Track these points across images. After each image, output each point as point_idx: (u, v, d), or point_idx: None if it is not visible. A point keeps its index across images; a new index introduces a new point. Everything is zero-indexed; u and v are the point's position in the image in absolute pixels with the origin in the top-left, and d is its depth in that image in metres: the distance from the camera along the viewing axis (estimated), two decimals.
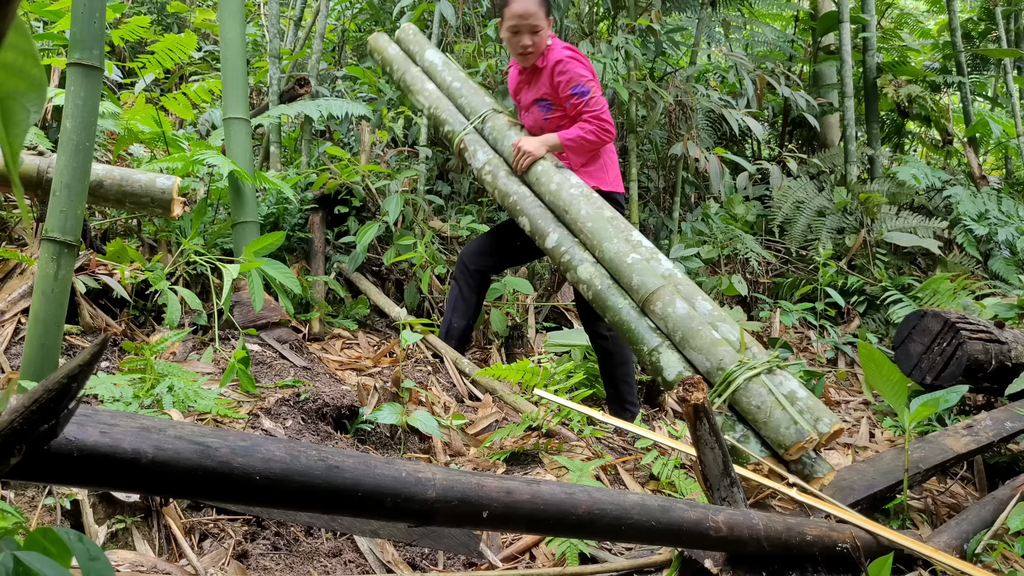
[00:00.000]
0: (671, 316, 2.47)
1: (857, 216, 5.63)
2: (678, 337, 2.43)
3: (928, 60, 7.48)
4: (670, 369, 2.39)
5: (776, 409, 2.19)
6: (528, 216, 2.88)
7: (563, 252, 2.77)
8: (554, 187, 2.91)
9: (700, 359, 2.36)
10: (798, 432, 2.12)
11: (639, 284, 2.58)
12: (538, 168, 3.01)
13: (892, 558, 1.67)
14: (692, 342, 2.39)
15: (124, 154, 4.46)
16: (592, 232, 2.75)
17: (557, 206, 2.87)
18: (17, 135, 0.62)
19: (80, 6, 2.28)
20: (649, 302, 2.52)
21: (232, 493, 1.03)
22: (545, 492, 1.32)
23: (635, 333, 2.50)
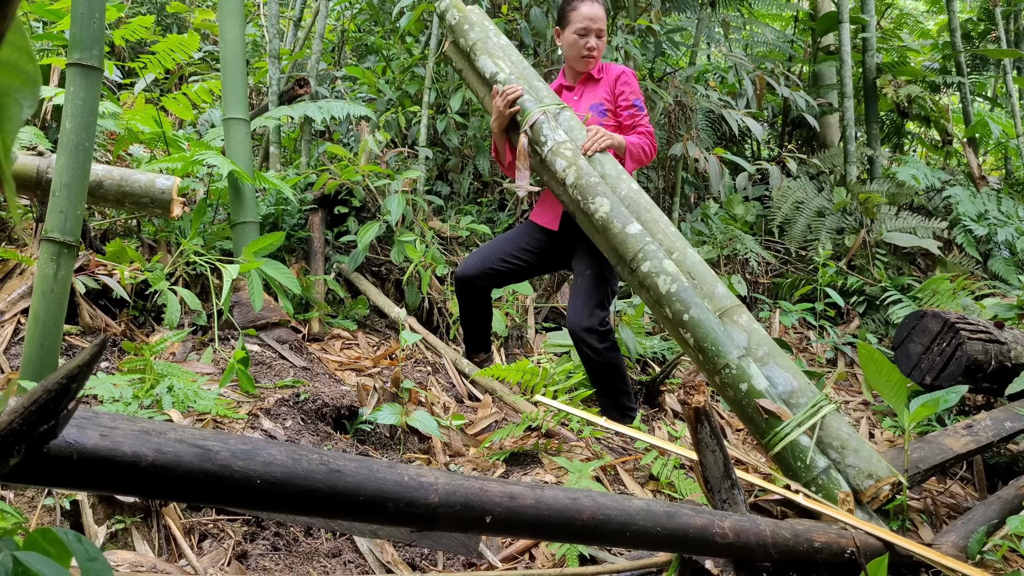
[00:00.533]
0: (756, 332, 2.40)
1: (857, 216, 5.63)
2: (760, 353, 2.36)
3: (928, 60, 7.49)
4: (759, 380, 2.28)
5: (865, 443, 2.18)
6: (608, 199, 2.73)
7: (646, 242, 2.65)
8: (635, 187, 2.85)
9: (784, 378, 2.29)
10: (885, 469, 2.10)
11: (722, 294, 2.51)
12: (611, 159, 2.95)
13: (887, 559, 1.67)
14: (777, 360, 2.33)
15: (124, 154, 4.45)
16: (675, 236, 2.69)
17: (637, 203, 2.78)
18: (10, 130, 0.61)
19: (80, 6, 2.27)
20: (731, 313, 2.45)
21: (233, 497, 1.02)
22: (549, 497, 1.31)
23: (717, 336, 2.38)
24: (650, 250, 2.63)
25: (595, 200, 2.78)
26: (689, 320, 2.45)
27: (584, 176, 2.83)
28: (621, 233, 2.70)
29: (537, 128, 2.98)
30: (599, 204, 2.76)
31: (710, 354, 2.38)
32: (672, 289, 2.52)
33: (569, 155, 2.90)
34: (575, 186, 2.84)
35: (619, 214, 2.72)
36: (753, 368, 2.32)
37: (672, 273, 2.55)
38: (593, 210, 2.78)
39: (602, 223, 2.75)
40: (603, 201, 2.75)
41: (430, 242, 4.22)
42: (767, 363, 2.35)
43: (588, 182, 2.81)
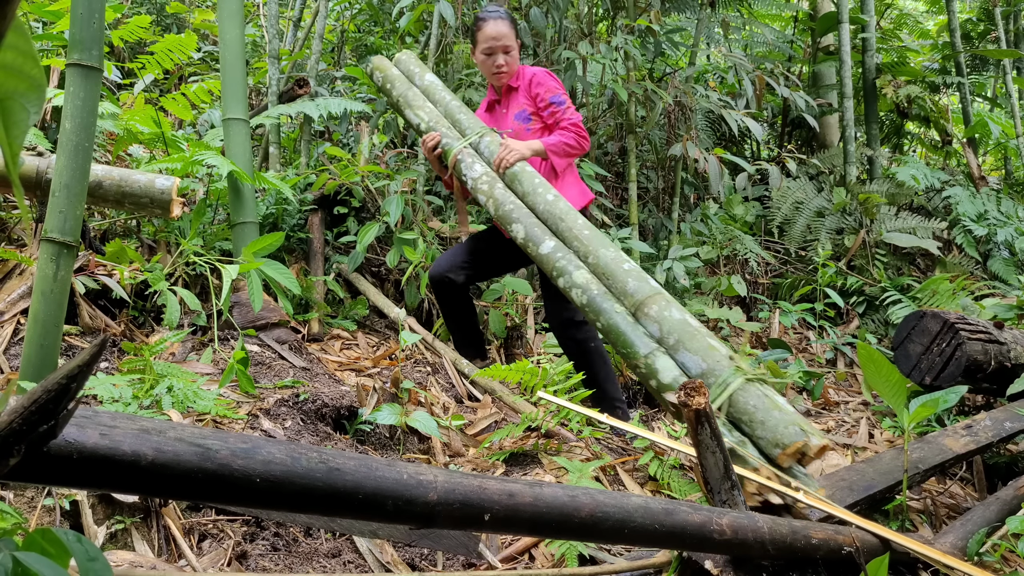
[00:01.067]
0: (667, 319, 2.48)
1: (856, 217, 5.63)
2: (672, 341, 2.44)
3: (927, 61, 7.49)
4: (666, 373, 2.39)
5: (774, 411, 2.19)
6: (523, 224, 2.99)
7: (559, 258, 2.83)
8: (551, 197, 3.02)
9: (695, 361, 2.37)
10: (796, 433, 2.11)
11: (635, 288, 2.61)
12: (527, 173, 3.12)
13: (888, 558, 1.67)
14: (687, 344, 2.40)
15: (123, 155, 4.45)
16: (588, 239, 2.83)
17: (553, 215, 2.97)
18: (17, 136, 0.62)
19: (79, 7, 2.28)
20: (644, 306, 2.55)
21: (232, 495, 1.02)
22: (547, 495, 1.32)
23: (627, 337, 2.52)
24: (561, 265, 2.81)
25: (512, 227, 3.01)
26: (603, 327, 2.63)
27: (501, 206, 3.06)
28: (537, 254, 2.92)
29: (458, 169, 3.26)
30: (516, 230, 2.98)
31: (627, 355, 2.53)
32: (584, 300, 2.70)
33: (486, 188, 3.14)
34: (497, 217, 3.09)
35: (533, 235, 2.93)
36: (660, 362, 2.43)
37: (582, 285, 2.72)
38: (514, 235, 3.01)
39: (522, 245, 2.98)
40: (519, 227, 2.97)
41: (430, 242, 4.22)
42: (678, 350, 2.44)
43: (505, 211, 3.03)
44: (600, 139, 5.51)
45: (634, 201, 4.87)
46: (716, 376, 2.31)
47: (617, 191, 5.67)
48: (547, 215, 2.97)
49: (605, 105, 5.53)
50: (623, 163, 5.59)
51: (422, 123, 3.43)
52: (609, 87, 4.83)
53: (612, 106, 5.41)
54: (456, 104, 3.46)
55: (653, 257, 5.04)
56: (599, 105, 5.51)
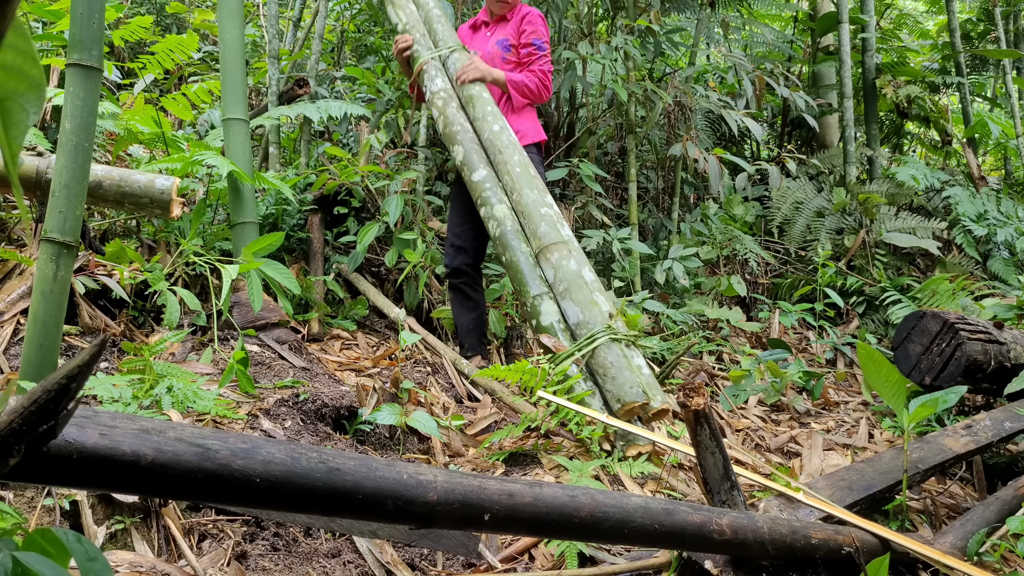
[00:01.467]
0: (562, 268, 2.67)
1: (856, 217, 5.63)
2: (561, 288, 2.64)
3: (927, 61, 7.49)
4: (547, 316, 2.64)
5: (626, 371, 2.34)
6: (464, 147, 3.11)
7: (486, 188, 2.94)
8: (496, 128, 3.11)
9: (575, 311, 2.56)
10: (637, 394, 2.27)
11: (544, 233, 2.77)
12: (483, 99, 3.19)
13: (888, 559, 1.67)
14: (573, 295, 2.60)
15: (123, 155, 4.45)
16: (518, 177, 2.95)
17: (493, 145, 3.06)
18: (16, 136, 0.62)
19: (79, 7, 2.28)
20: (547, 251, 2.73)
21: (232, 495, 1.02)
22: (547, 495, 1.32)
23: (524, 276, 2.71)
24: (487, 196, 2.93)
25: (454, 148, 3.10)
26: (507, 260, 2.80)
27: (449, 125, 3.14)
28: (469, 180, 3.02)
29: (421, 76, 3.33)
30: (456, 152, 3.08)
31: (520, 292, 2.73)
32: (497, 233, 2.86)
33: (440, 104, 3.22)
34: (443, 134, 3.18)
35: (470, 161, 3.03)
36: (546, 305, 2.63)
37: (499, 218, 2.86)
38: (453, 155, 3.11)
39: (458, 168, 3.08)
40: (459, 149, 3.07)
41: (429, 242, 4.22)
42: (564, 298, 2.63)
43: (451, 131, 3.11)
44: (600, 139, 5.51)
45: (634, 201, 4.87)
46: (588, 328, 2.50)
47: (617, 191, 5.68)
48: (488, 144, 3.05)
49: (605, 105, 5.53)
50: (623, 163, 5.59)
51: (400, 23, 3.49)
52: (609, 87, 4.83)
53: (612, 106, 5.41)
54: (436, 13, 3.52)
55: (653, 257, 5.04)
56: (599, 105, 5.52)
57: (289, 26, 5.95)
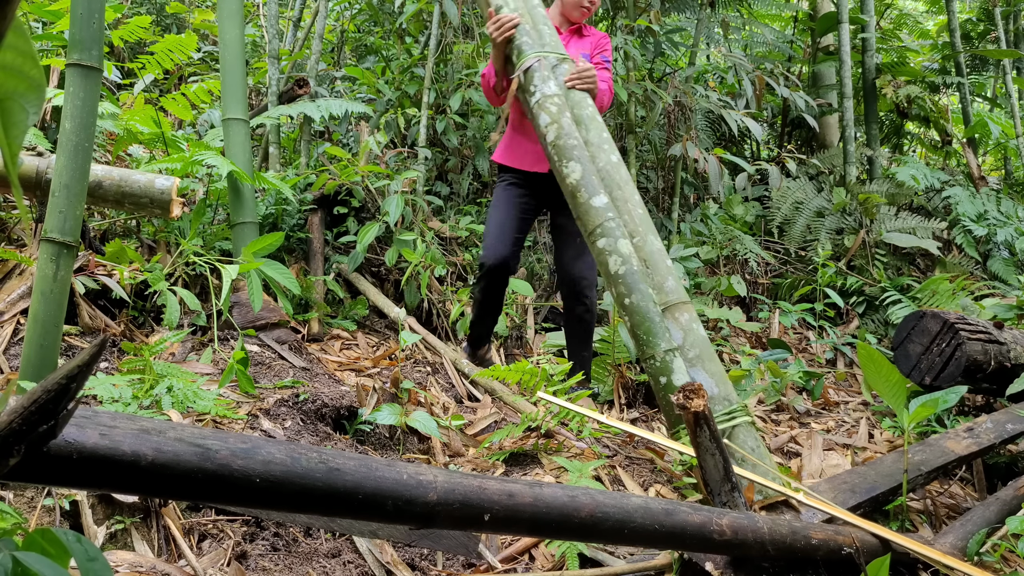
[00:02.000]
0: (694, 332, 2.39)
1: (856, 217, 5.63)
2: (692, 354, 2.36)
3: (927, 61, 7.49)
4: (679, 376, 2.31)
5: (765, 458, 2.21)
6: (582, 166, 2.69)
7: (608, 219, 2.61)
8: (615, 160, 2.79)
9: (709, 383, 2.31)
10: (777, 485, 2.13)
11: (671, 288, 2.49)
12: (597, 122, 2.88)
13: (889, 559, 1.67)
14: (706, 364, 2.34)
15: (123, 155, 4.45)
16: (640, 220, 2.65)
17: (611, 178, 2.73)
18: (16, 136, 0.62)
19: (79, 7, 2.28)
20: (675, 309, 2.44)
21: (232, 495, 1.02)
22: (547, 495, 1.32)
23: (654, 327, 2.38)
24: (609, 227, 2.61)
25: (569, 164, 2.73)
26: (630, 304, 2.47)
27: (564, 137, 2.78)
28: (586, 204, 2.67)
29: (530, 75, 2.92)
30: (572, 169, 2.72)
31: (642, 341, 2.42)
32: (620, 271, 2.53)
33: (554, 111, 2.83)
34: (554, 145, 2.79)
35: (589, 184, 2.69)
36: (678, 364, 2.35)
37: (624, 255, 2.54)
38: (566, 173, 2.74)
39: (571, 189, 2.72)
40: (576, 167, 2.72)
41: (430, 243, 4.22)
42: (695, 365, 2.37)
43: (567, 143, 2.76)
44: None
45: None
46: (725, 404, 2.28)
47: None
48: (605, 174, 2.74)
49: None
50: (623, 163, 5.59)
51: (505, 7, 3.01)
52: None
53: (611, 106, 5.40)
54: (541, 13, 3.09)
55: None
56: None
57: (289, 26, 5.94)
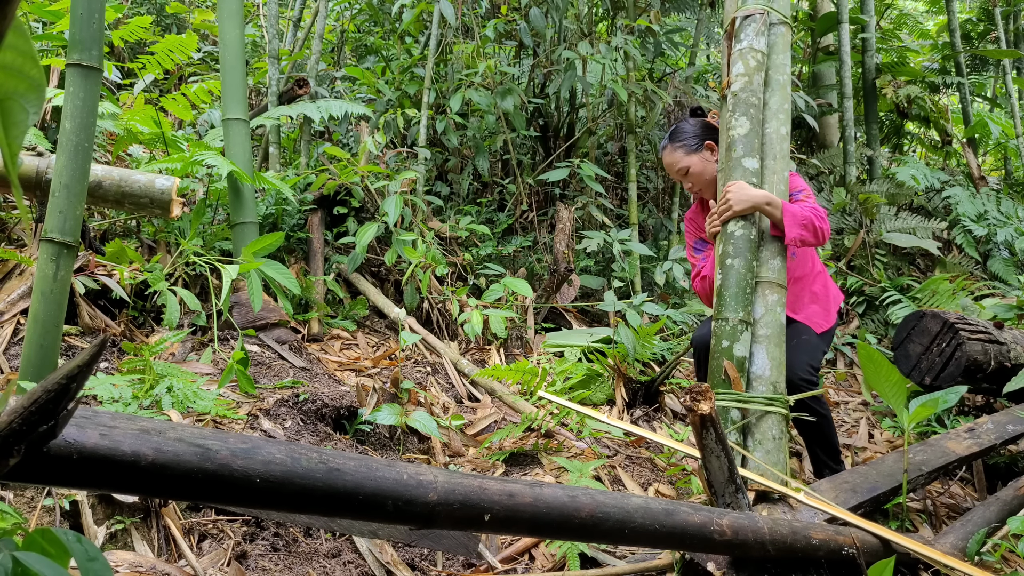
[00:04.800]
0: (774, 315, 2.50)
1: (856, 217, 5.63)
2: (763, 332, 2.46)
3: (927, 61, 7.49)
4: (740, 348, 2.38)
5: (782, 452, 2.23)
6: (751, 124, 2.64)
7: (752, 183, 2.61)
8: (784, 132, 2.69)
9: (765, 364, 2.37)
10: (779, 480, 2.13)
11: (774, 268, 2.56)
12: (775, 99, 2.76)
13: (894, 561, 1.67)
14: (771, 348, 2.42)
15: (123, 155, 4.45)
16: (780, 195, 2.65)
17: (772, 148, 2.67)
18: (16, 136, 0.61)
19: (79, 7, 2.28)
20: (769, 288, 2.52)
21: (232, 495, 1.02)
22: (548, 495, 1.31)
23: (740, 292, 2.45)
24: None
25: (740, 118, 2.68)
26: (729, 264, 2.49)
27: (747, 91, 2.71)
28: (737, 160, 2.63)
29: (746, 24, 2.82)
30: (740, 123, 2.67)
31: (722, 300, 2.44)
32: (737, 232, 2.53)
33: (752, 65, 2.75)
34: (735, 95, 2.72)
35: (749, 144, 2.65)
36: (745, 336, 2.37)
37: (748, 225, 2.54)
38: (733, 125, 2.69)
39: (730, 142, 2.67)
40: (744, 123, 2.67)
41: (430, 243, 4.22)
42: (761, 343, 2.39)
43: (747, 99, 2.70)
44: (600, 139, 5.51)
45: (634, 201, 4.87)
46: (771, 388, 2.35)
47: (617, 191, 5.67)
48: (768, 141, 2.70)
49: (605, 105, 5.53)
50: (623, 163, 5.59)
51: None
52: (609, 87, 4.83)
53: (612, 106, 5.41)
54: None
55: (653, 258, 5.04)
56: (599, 105, 5.51)
57: (289, 26, 5.94)
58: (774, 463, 2.17)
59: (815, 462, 2.79)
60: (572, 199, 5.03)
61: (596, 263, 5.05)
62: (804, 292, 2.82)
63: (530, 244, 4.91)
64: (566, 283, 4.44)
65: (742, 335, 2.38)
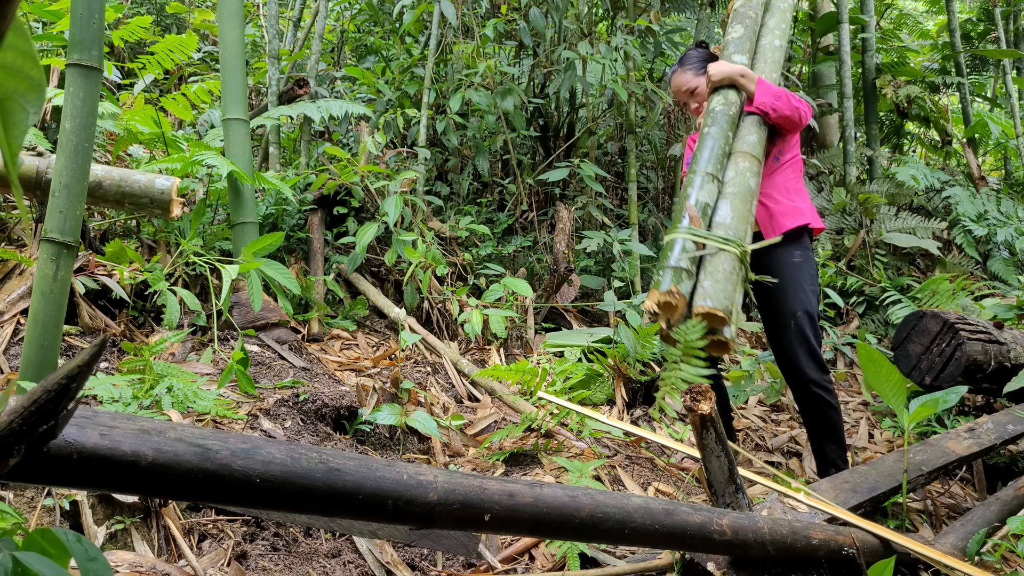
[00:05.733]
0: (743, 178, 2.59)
1: (856, 217, 5.63)
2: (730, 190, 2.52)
3: (927, 61, 7.49)
4: (704, 195, 2.46)
5: (731, 284, 2.27)
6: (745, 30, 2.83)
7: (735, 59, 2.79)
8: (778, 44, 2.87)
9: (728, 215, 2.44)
10: (726, 307, 2.20)
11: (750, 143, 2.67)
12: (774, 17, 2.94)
13: (894, 561, 1.67)
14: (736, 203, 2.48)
15: (123, 155, 4.45)
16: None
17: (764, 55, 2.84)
18: (16, 136, 0.61)
19: (79, 7, 2.28)
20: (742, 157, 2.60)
21: (232, 495, 1.02)
22: (548, 495, 1.31)
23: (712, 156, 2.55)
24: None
25: (736, 27, 2.86)
26: (706, 133, 2.60)
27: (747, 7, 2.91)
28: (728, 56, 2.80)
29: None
30: (735, 30, 2.85)
31: (695, 163, 2.54)
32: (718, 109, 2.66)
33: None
34: (736, 10, 2.92)
35: (741, 44, 2.82)
36: (709, 187, 2.47)
37: (729, 101, 2.67)
38: (729, 31, 2.88)
39: (725, 43, 2.85)
40: (739, 29, 2.85)
41: (430, 243, 4.22)
42: (726, 198, 2.48)
43: (745, 12, 2.89)
44: (600, 139, 5.51)
45: (634, 201, 4.87)
46: (729, 233, 2.40)
47: (617, 191, 5.67)
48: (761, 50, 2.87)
49: (605, 105, 5.53)
50: (623, 163, 5.59)
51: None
52: (609, 87, 4.83)
53: (612, 106, 5.41)
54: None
55: (653, 258, 5.03)
56: (599, 105, 5.51)
57: (289, 26, 5.94)
58: (722, 292, 2.21)
59: (821, 460, 2.75)
60: (572, 199, 5.03)
61: (596, 263, 5.05)
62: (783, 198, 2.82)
63: (530, 244, 4.91)
64: (566, 283, 4.44)
65: (707, 185, 2.47)
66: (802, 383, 2.69)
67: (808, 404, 2.71)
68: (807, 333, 2.67)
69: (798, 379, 2.71)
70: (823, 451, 2.73)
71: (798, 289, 2.69)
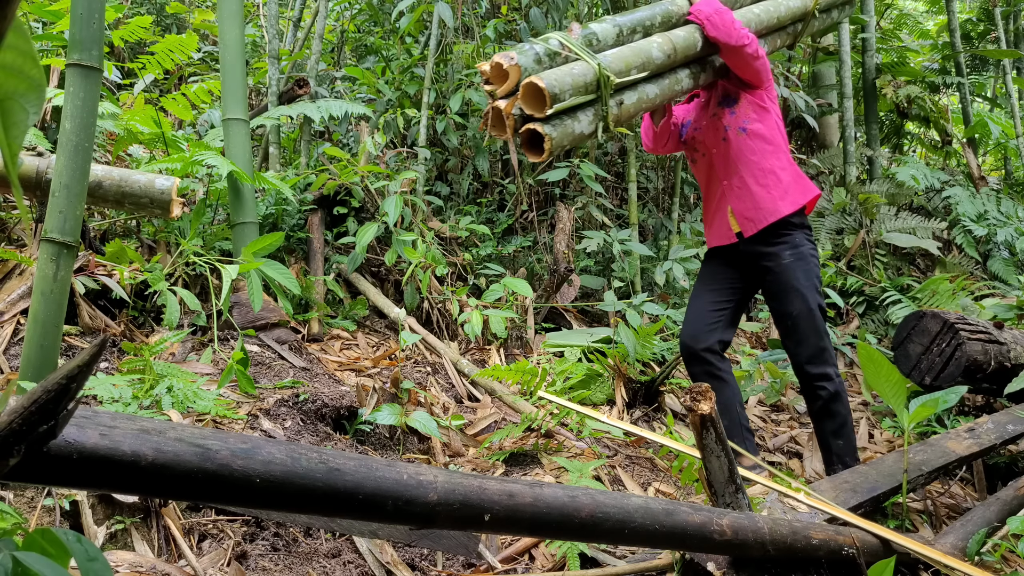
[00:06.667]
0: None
1: (856, 217, 5.63)
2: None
3: (927, 61, 7.49)
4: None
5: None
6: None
7: None
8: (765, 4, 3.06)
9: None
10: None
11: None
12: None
13: (894, 561, 1.67)
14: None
15: (123, 155, 4.45)
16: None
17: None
18: (16, 136, 0.61)
19: (79, 7, 2.28)
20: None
21: (232, 495, 1.02)
22: (548, 495, 1.31)
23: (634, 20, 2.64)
24: None
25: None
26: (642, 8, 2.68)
27: None
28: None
29: None
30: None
31: None
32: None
33: None
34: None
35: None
36: (610, 31, 2.53)
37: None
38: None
39: None
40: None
41: (430, 243, 4.22)
42: (622, 48, 2.50)
43: None
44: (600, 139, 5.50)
45: (634, 201, 4.87)
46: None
47: (617, 191, 5.67)
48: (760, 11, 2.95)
49: None
50: (623, 163, 5.59)
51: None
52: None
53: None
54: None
55: (653, 258, 5.03)
56: None
57: (289, 26, 5.95)
58: (560, 81, 2.23)
59: (828, 459, 2.72)
60: (572, 199, 5.03)
61: (596, 263, 5.05)
62: (757, 185, 2.71)
63: (530, 244, 4.91)
64: (566, 283, 4.44)
65: (610, 29, 2.52)
66: (807, 379, 2.71)
67: (814, 400, 2.72)
68: (811, 329, 2.67)
69: (803, 376, 2.72)
70: (829, 448, 2.73)
71: (792, 291, 2.68)
